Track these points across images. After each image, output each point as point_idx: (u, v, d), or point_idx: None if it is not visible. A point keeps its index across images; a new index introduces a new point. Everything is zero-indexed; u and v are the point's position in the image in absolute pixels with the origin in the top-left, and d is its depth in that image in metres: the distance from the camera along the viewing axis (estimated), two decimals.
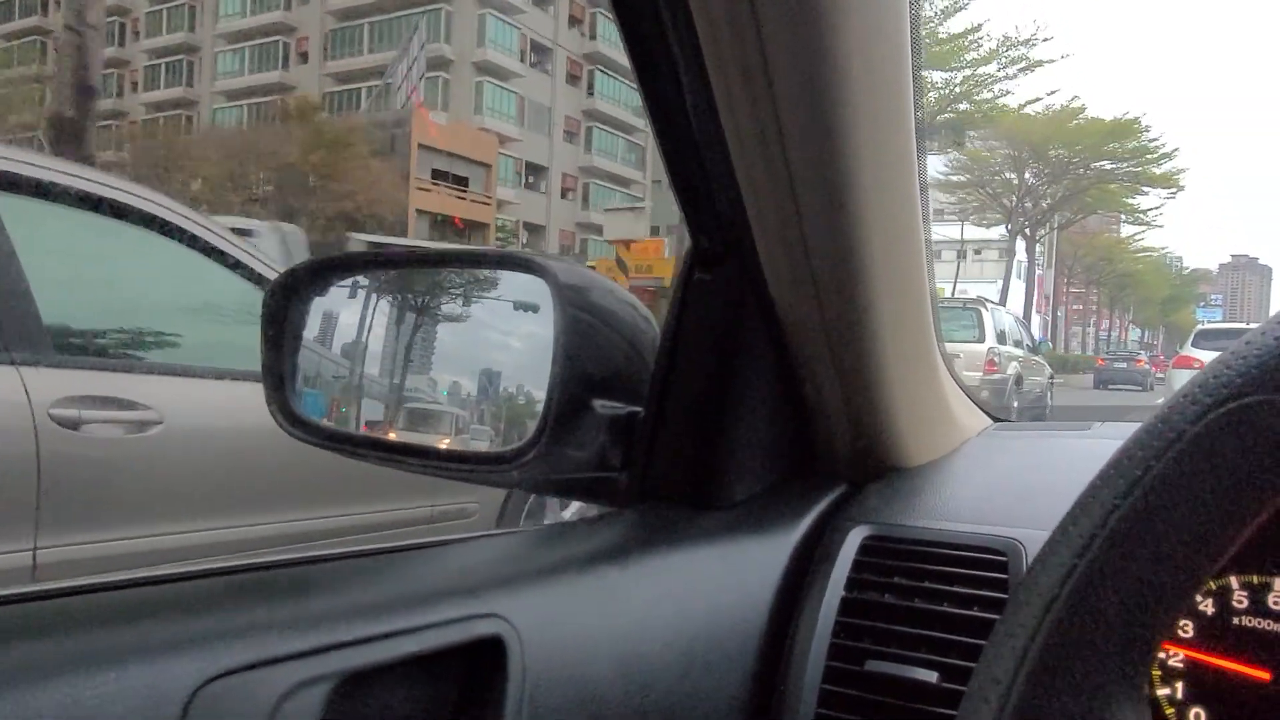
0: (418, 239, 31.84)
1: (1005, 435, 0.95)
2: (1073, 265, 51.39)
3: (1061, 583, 0.37)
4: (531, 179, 43.39)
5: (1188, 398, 0.36)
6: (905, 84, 0.63)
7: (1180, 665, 0.60)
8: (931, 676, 0.62)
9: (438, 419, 0.79)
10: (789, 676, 0.65)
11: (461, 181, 36.12)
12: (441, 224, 32.88)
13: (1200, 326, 16.23)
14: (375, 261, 0.89)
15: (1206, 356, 12.71)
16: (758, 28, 0.54)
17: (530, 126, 42.03)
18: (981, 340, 10.64)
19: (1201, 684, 0.59)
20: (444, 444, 0.77)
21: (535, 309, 0.71)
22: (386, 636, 0.49)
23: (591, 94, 45.47)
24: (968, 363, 10.05)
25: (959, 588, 0.66)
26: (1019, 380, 11.27)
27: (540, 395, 0.68)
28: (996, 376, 10.60)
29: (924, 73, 0.64)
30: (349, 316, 0.82)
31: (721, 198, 0.68)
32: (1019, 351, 11.78)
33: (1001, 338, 11.22)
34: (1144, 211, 42.35)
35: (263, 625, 0.46)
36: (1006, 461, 0.87)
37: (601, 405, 0.69)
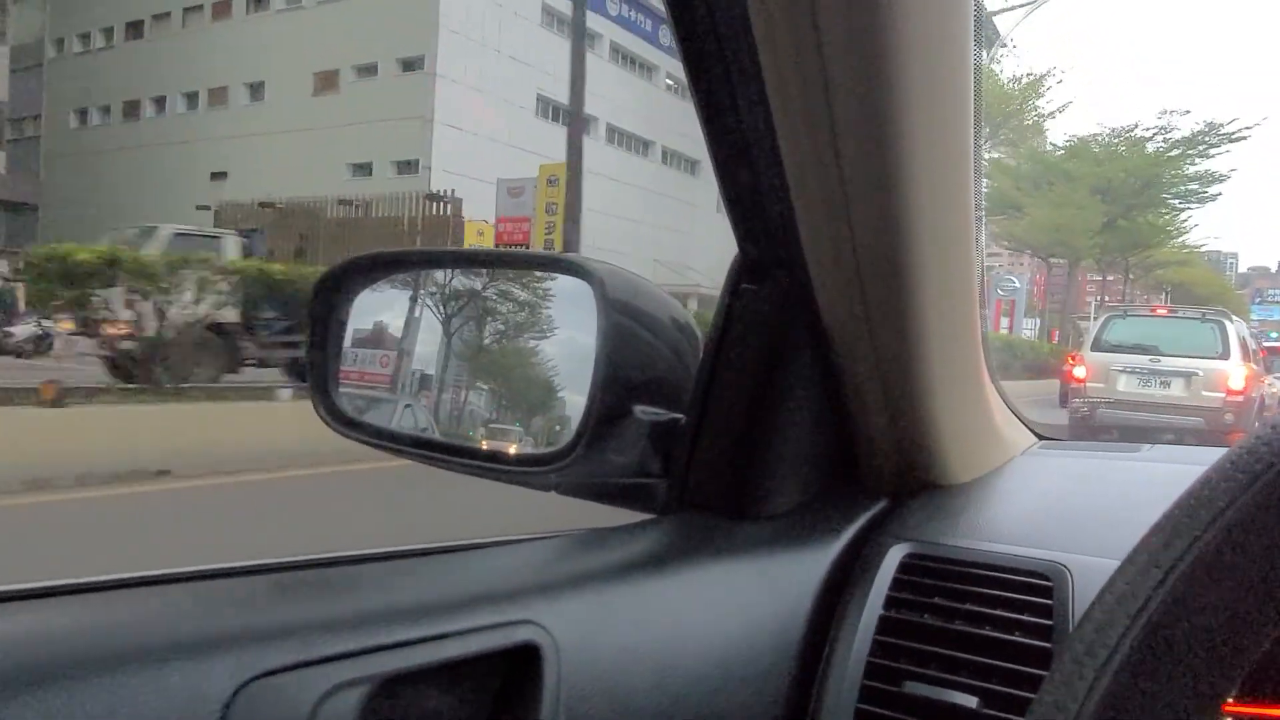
0: None
1: (1052, 454, 0.93)
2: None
3: (1145, 602, 0.35)
4: None
5: None
6: (965, 106, 0.62)
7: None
8: (971, 702, 0.61)
9: (478, 420, 0.79)
10: (824, 694, 0.64)
11: None
12: None
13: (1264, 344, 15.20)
14: (418, 260, 0.89)
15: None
16: (819, 46, 0.53)
17: None
18: (1226, 356, 9.03)
19: None
20: (485, 444, 0.78)
21: (578, 312, 0.71)
22: (424, 640, 0.49)
23: None
24: (1206, 383, 8.85)
25: (1001, 611, 0.64)
26: (1262, 405, 9.41)
27: (580, 399, 0.68)
28: (1241, 400, 8.94)
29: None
30: (392, 315, 0.82)
31: (772, 209, 0.67)
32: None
33: (1246, 354, 9.45)
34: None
35: (303, 626, 0.47)
36: (1053, 482, 0.85)
37: (643, 411, 0.69)
